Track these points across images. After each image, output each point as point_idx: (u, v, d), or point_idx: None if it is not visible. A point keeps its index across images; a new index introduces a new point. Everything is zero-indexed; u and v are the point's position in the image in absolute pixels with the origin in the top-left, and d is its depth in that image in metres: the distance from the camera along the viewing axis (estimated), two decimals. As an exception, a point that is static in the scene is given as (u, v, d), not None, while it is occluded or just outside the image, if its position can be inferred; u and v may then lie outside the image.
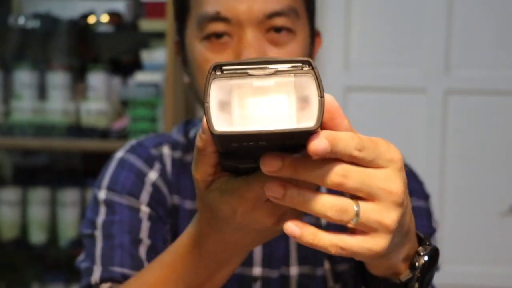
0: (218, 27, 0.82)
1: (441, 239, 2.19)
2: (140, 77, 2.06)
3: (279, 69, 0.46)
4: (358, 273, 0.64)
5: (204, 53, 0.84)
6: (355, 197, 0.51)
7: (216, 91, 0.46)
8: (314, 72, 0.46)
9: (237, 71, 0.46)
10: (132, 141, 0.95)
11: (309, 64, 0.46)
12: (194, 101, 2.02)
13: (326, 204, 0.50)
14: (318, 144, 0.47)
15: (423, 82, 2.18)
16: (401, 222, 0.53)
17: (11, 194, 2.18)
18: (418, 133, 2.18)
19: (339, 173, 0.49)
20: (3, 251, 2.22)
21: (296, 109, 0.45)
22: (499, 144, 2.18)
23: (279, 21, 0.83)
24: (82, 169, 2.22)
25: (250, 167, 0.51)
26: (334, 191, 0.50)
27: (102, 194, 0.88)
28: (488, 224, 2.19)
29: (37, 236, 2.16)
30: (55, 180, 2.21)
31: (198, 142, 0.52)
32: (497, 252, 2.20)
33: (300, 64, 0.46)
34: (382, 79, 2.21)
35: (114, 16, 2.17)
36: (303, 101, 0.45)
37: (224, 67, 0.46)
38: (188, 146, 0.95)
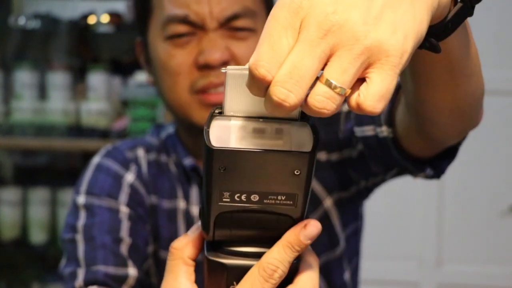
0: (183, 28, 0.85)
1: (441, 239, 2.19)
2: (140, 77, 2.06)
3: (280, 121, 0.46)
4: None
5: (168, 49, 0.86)
6: None
7: (216, 129, 0.46)
8: (310, 125, 0.47)
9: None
10: (108, 146, 0.97)
11: (307, 121, 0.47)
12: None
13: None
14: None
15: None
16: None
17: (11, 194, 2.18)
18: (418, 133, 2.18)
19: None
20: (3, 251, 2.22)
21: (292, 146, 0.45)
22: (499, 144, 2.18)
23: (239, 23, 0.86)
24: (82, 169, 2.21)
25: (239, 264, 0.49)
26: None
27: (81, 199, 0.89)
28: (488, 224, 2.19)
29: (37, 236, 2.16)
30: (55, 180, 2.21)
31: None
32: (497, 252, 2.20)
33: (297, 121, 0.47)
34: (382, 79, 2.20)
35: (114, 16, 2.18)
36: (300, 145, 0.45)
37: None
38: (161, 147, 0.97)
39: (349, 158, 0.87)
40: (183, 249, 0.51)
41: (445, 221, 2.20)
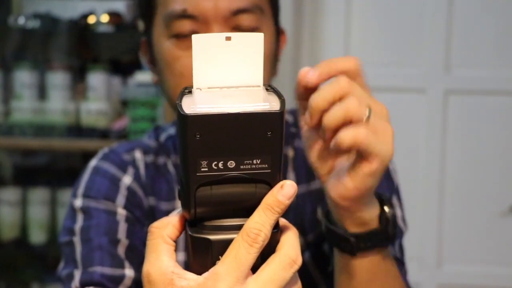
0: (185, 25, 0.84)
1: (441, 239, 2.19)
2: (140, 77, 2.06)
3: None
4: (331, 236, 0.72)
5: (172, 51, 0.85)
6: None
7: (187, 101, 0.47)
8: (274, 90, 0.50)
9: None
10: (104, 149, 0.96)
11: (272, 87, 0.51)
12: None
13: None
14: (308, 71, 0.55)
15: (423, 82, 2.18)
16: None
17: (11, 194, 2.18)
18: (418, 133, 2.18)
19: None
20: (3, 251, 2.22)
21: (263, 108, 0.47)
22: (499, 144, 2.18)
23: (244, 19, 0.84)
24: (82, 169, 2.21)
25: (223, 238, 0.49)
26: None
27: (78, 202, 0.89)
28: (488, 224, 2.19)
29: (37, 236, 2.16)
30: (55, 180, 2.21)
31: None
32: (497, 252, 2.20)
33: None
34: (382, 79, 2.21)
35: (114, 16, 2.18)
36: (269, 107, 0.47)
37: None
38: (159, 149, 0.96)
39: None
40: (163, 228, 0.50)
41: (445, 221, 2.20)
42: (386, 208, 0.70)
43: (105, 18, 2.17)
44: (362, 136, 0.62)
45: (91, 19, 2.19)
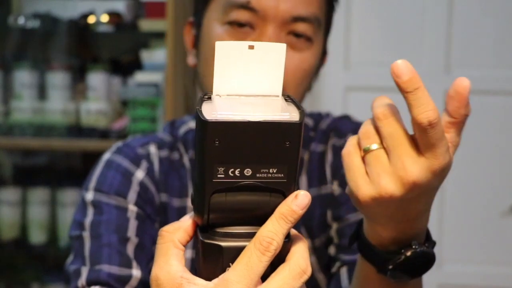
0: (244, 15, 0.84)
1: (441, 239, 2.19)
2: (140, 77, 2.06)
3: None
4: (356, 239, 0.68)
5: (223, 37, 0.86)
6: None
7: (207, 107, 0.47)
8: (293, 101, 0.50)
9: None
10: (118, 143, 0.96)
11: (291, 98, 0.51)
12: (193, 98, 2.02)
13: None
14: (403, 65, 0.54)
15: (423, 82, 2.18)
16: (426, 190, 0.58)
17: (11, 194, 2.18)
18: (418, 133, 2.18)
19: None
20: (3, 251, 2.21)
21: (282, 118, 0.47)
22: (499, 144, 2.18)
23: (301, 27, 0.85)
24: (82, 169, 2.21)
25: (234, 245, 0.49)
26: None
27: (89, 196, 0.88)
28: (488, 224, 2.19)
29: (37, 236, 2.16)
30: (55, 180, 2.21)
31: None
32: (497, 252, 2.20)
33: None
34: (382, 79, 2.20)
35: (114, 16, 2.17)
36: (289, 117, 0.47)
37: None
38: (175, 144, 0.95)
39: None
40: (174, 232, 0.51)
41: (445, 221, 2.20)
42: (404, 252, 0.66)
43: (105, 18, 2.17)
44: None
45: (91, 19, 2.19)
